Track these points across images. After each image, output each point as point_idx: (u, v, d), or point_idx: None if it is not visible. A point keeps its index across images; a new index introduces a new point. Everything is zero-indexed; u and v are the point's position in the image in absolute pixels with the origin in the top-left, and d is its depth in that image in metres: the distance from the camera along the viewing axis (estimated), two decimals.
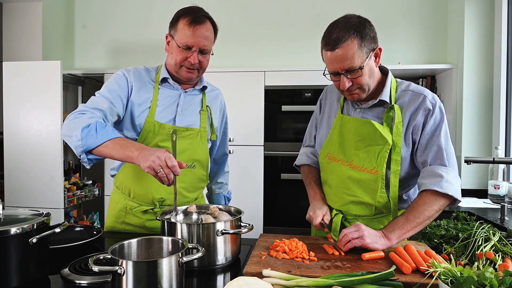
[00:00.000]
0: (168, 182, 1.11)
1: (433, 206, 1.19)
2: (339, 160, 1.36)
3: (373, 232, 1.17)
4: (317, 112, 1.56)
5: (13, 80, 2.85)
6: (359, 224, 1.19)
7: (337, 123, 1.39)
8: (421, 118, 1.26)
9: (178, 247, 0.98)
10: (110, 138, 1.19)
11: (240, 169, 2.93)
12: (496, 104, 2.69)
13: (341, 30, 1.19)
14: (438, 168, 1.23)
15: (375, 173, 1.28)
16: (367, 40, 1.20)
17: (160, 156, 1.09)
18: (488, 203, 2.43)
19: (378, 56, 1.26)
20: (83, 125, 1.20)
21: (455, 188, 1.20)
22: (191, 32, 1.34)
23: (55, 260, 1.09)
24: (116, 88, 1.39)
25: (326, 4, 3.24)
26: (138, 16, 3.51)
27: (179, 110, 1.46)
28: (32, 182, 2.85)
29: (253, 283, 0.85)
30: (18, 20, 3.25)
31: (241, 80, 3.00)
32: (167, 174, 1.09)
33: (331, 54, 1.20)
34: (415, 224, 1.18)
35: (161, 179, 1.10)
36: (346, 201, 1.35)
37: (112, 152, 1.18)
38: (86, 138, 1.18)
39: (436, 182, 1.20)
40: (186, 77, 1.42)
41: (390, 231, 1.18)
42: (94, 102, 1.34)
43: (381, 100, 1.29)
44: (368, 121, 1.29)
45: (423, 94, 1.28)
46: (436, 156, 1.24)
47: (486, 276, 0.78)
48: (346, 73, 1.22)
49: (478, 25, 2.75)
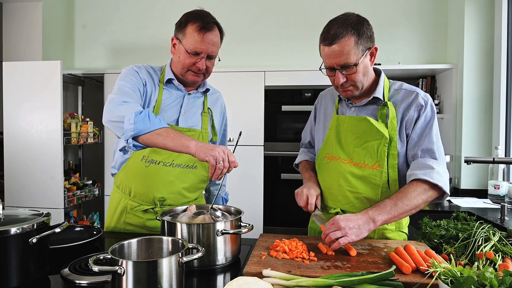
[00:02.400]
0: (221, 176, 1.16)
1: (422, 196, 1.20)
2: (338, 158, 1.37)
3: (355, 223, 1.14)
4: (311, 119, 1.61)
5: (13, 80, 2.85)
6: (336, 220, 1.16)
7: (333, 123, 1.42)
8: (414, 113, 1.29)
9: (178, 247, 0.98)
10: (163, 127, 1.22)
11: (240, 169, 2.92)
12: (496, 104, 2.70)
13: (339, 26, 1.22)
14: (429, 160, 1.25)
15: (378, 168, 1.30)
16: (364, 38, 1.23)
17: (225, 151, 1.15)
18: (488, 203, 2.43)
19: (373, 56, 1.29)
20: (135, 111, 1.22)
21: (444, 181, 1.22)
22: (201, 38, 1.36)
23: (55, 260, 1.09)
24: (135, 81, 1.40)
25: (326, 4, 3.24)
26: (138, 16, 3.52)
27: (182, 111, 1.47)
28: (32, 182, 2.85)
29: (253, 283, 0.85)
30: (18, 20, 3.25)
31: (241, 80, 3.01)
32: (224, 168, 1.14)
33: (328, 49, 1.24)
34: (403, 211, 1.18)
35: (216, 171, 1.14)
36: (350, 198, 1.35)
37: (166, 140, 1.19)
38: (138, 122, 1.20)
39: (427, 172, 1.21)
40: (192, 80, 1.44)
41: (377, 213, 1.17)
42: (125, 92, 1.34)
43: (375, 98, 1.33)
44: (364, 117, 1.32)
45: (416, 92, 1.32)
46: (427, 149, 1.27)
47: (486, 276, 0.78)
48: (341, 69, 1.25)
49: (478, 25, 2.75)
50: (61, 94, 2.82)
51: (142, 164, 1.42)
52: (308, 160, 1.61)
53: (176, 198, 1.47)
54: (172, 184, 1.45)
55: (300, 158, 1.64)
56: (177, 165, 1.43)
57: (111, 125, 1.28)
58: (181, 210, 1.29)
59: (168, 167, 1.42)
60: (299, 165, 1.65)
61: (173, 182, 1.44)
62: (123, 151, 1.39)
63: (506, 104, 2.65)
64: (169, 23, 1.45)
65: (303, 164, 1.61)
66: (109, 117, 1.27)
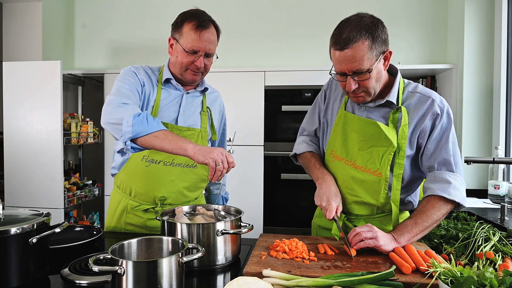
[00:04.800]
0: (220, 177, 1.18)
1: (441, 211, 1.20)
2: (342, 159, 1.34)
3: (386, 235, 1.16)
4: (320, 103, 1.47)
5: (13, 80, 2.85)
6: (372, 225, 1.18)
7: (340, 119, 1.35)
8: (429, 122, 1.23)
9: (178, 247, 0.98)
10: (161, 129, 1.23)
11: (240, 169, 2.93)
12: (496, 104, 2.69)
13: (352, 29, 1.14)
14: (446, 173, 1.22)
15: (379, 175, 1.26)
16: (379, 42, 1.16)
17: (223, 152, 1.17)
18: (488, 203, 2.43)
19: (387, 59, 1.22)
20: (134, 113, 1.23)
21: (461, 195, 1.21)
22: (197, 36, 1.36)
23: (55, 260, 1.09)
24: (133, 82, 1.41)
25: (326, 4, 3.24)
26: (138, 16, 3.51)
27: (181, 110, 1.48)
28: (32, 182, 2.85)
29: (253, 283, 0.85)
30: (18, 20, 3.25)
31: (241, 80, 3.00)
32: (224, 169, 1.16)
33: (340, 54, 1.16)
34: (423, 227, 1.18)
35: (216, 172, 1.16)
36: (349, 201, 1.34)
37: (163, 142, 1.21)
38: (137, 125, 1.21)
39: (444, 188, 1.20)
40: (191, 79, 1.45)
41: (399, 234, 1.17)
42: (123, 94, 1.34)
43: (388, 101, 1.26)
44: (374, 121, 1.25)
45: (431, 98, 1.25)
46: (443, 162, 1.23)
47: (486, 276, 0.78)
48: (354, 75, 1.18)
49: (478, 25, 2.75)
50: (61, 94, 2.82)
51: (142, 163, 1.42)
52: (312, 151, 1.46)
53: (176, 197, 1.48)
54: (172, 184, 1.45)
55: (302, 149, 1.48)
56: (177, 164, 1.43)
57: (110, 127, 1.28)
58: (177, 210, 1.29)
59: (169, 167, 1.42)
60: (300, 156, 1.50)
61: (173, 182, 1.45)
62: (121, 153, 1.39)
63: (506, 104, 2.65)
64: (169, 23, 1.46)
65: (307, 157, 1.45)
66: (107, 119, 1.28)
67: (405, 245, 1.14)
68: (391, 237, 1.16)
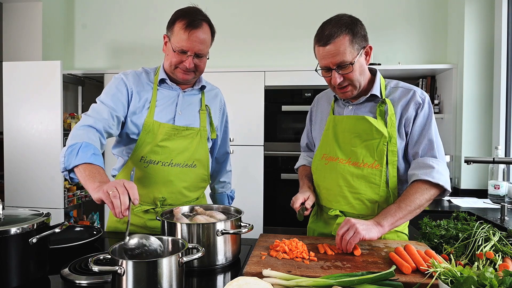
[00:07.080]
0: (119, 208, 0.96)
1: (424, 195, 1.23)
2: (336, 158, 1.37)
3: (365, 223, 1.18)
4: (308, 123, 1.61)
5: (13, 80, 2.86)
6: (349, 220, 1.19)
7: (330, 124, 1.42)
8: (412, 111, 1.30)
9: (178, 247, 0.98)
10: (84, 162, 1.14)
11: (240, 169, 2.93)
12: (496, 104, 2.70)
13: (333, 26, 1.23)
14: (429, 159, 1.27)
15: (377, 167, 1.30)
16: (358, 37, 1.24)
17: (119, 183, 1.00)
18: (488, 203, 2.43)
19: (368, 55, 1.30)
20: (70, 143, 1.20)
21: (445, 178, 1.25)
22: (186, 36, 1.34)
23: (55, 260, 1.09)
24: (116, 93, 1.39)
25: (326, 5, 3.24)
26: (138, 16, 3.52)
27: (178, 110, 1.46)
28: (32, 182, 2.86)
29: (253, 283, 0.85)
30: (18, 20, 3.25)
31: (241, 80, 3.01)
32: (121, 194, 0.97)
33: (323, 49, 1.24)
34: (407, 212, 1.21)
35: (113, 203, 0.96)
36: (349, 199, 1.35)
37: (80, 177, 1.14)
38: (68, 156, 1.17)
39: (428, 172, 1.24)
40: (182, 78, 1.43)
41: (382, 218, 1.21)
42: (95, 111, 1.34)
43: (372, 95, 1.33)
44: (362, 116, 1.32)
45: (413, 90, 1.33)
46: (427, 148, 1.29)
47: (486, 276, 0.78)
48: (338, 69, 1.25)
49: (478, 25, 2.75)
50: (61, 94, 2.82)
51: (141, 165, 1.41)
52: (305, 165, 1.63)
53: (176, 197, 1.47)
54: (172, 184, 1.44)
55: (299, 163, 1.66)
56: (176, 164, 1.43)
57: None
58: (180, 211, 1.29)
59: (167, 167, 1.42)
60: (298, 170, 1.67)
61: (172, 182, 1.44)
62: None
63: (506, 104, 2.65)
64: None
65: (300, 170, 1.63)
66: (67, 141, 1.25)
67: (406, 245, 1.14)
68: (373, 223, 1.19)
